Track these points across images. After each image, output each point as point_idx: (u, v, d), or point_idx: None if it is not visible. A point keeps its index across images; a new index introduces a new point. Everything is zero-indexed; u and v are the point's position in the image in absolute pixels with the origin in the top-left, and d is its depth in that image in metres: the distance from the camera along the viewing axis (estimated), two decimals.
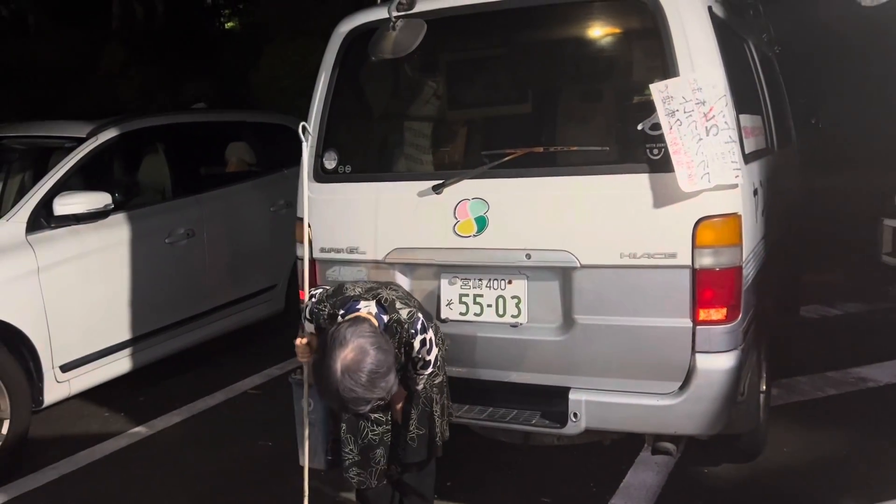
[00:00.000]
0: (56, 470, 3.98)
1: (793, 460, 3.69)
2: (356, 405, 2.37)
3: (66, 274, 4.22)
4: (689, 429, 3.00)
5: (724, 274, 2.83)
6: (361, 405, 2.37)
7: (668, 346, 2.89)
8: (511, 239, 3.08)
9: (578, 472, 3.66)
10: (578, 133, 3.30)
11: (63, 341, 4.17)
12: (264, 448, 4.10)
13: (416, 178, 3.32)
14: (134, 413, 4.68)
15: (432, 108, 3.67)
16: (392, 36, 3.20)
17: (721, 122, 2.81)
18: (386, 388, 2.38)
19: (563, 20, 3.24)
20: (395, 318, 2.61)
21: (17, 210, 4.18)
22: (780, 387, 4.46)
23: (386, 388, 2.38)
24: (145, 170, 5.32)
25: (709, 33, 2.92)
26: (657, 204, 2.85)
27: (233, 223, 5.42)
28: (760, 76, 4.23)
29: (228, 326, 5.38)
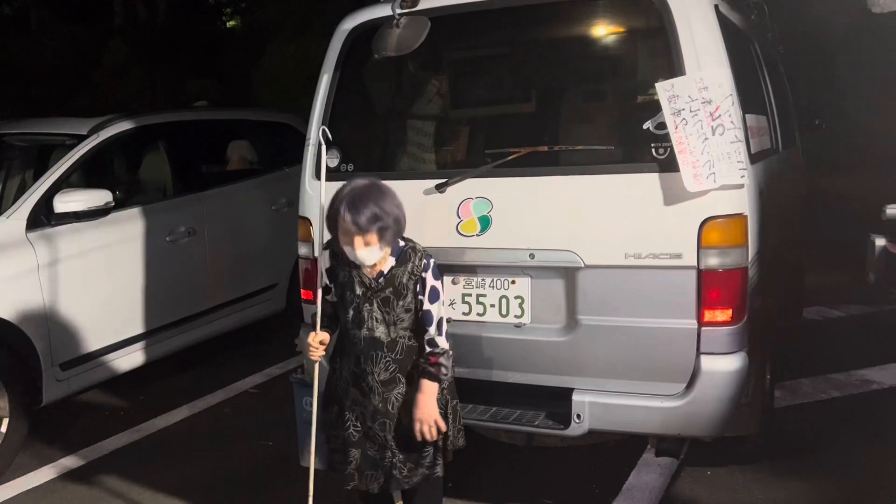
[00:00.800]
0: (55, 468, 3.97)
1: (796, 463, 3.66)
2: (358, 206, 2.41)
3: (66, 272, 4.19)
4: (694, 430, 2.97)
5: (729, 275, 2.80)
6: (362, 209, 2.41)
7: (672, 348, 2.87)
8: (514, 238, 3.06)
9: (581, 473, 3.64)
10: (583, 132, 3.27)
11: (63, 339, 4.15)
12: (265, 447, 4.08)
13: (419, 177, 3.30)
14: (134, 412, 4.67)
15: (436, 106, 3.65)
16: (395, 33, 3.18)
17: (727, 122, 2.79)
18: (391, 214, 2.45)
19: (569, 18, 3.22)
20: (410, 245, 2.61)
21: (17, 207, 4.17)
22: (784, 389, 4.43)
23: (391, 214, 2.45)
24: (146, 167, 5.30)
25: (715, 32, 2.90)
26: (662, 204, 2.82)
27: (234, 222, 5.40)
28: (765, 76, 4.21)
29: (229, 325, 5.36)
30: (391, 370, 2.60)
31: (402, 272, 2.56)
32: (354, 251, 2.48)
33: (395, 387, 2.61)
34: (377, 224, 2.43)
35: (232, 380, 5.12)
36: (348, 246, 2.49)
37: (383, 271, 2.58)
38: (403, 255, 2.58)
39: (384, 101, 3.86)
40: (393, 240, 2.53)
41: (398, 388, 2.61)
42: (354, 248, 2.48)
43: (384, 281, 2.57)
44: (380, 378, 2.60)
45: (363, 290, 2.60)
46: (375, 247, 2.48)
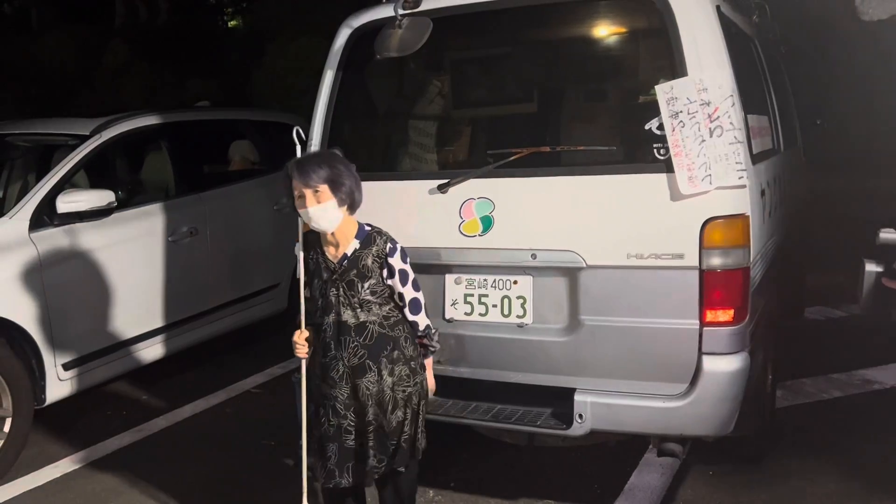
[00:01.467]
0: (58, 468, 3.98)
1: (799, 463, 3.67)
2: (305, 165, 2.51)
3: (68, 272, 4.21)
4: (696, 430, 2.98)
5: (731, 275, 2.81)
6: (311, 166, 2.50)
7: (674, 348, 2.87)
8: (517, 239, 3.07)
9: (582, 473, 3.64)
10: (585, 133, 3.29)
11: (65, 339, 4.16)
12: (266, 447, 4.09)
13: (421, 178, 3.32)
14: (136, 411, 4.68)
15: (438, 106, 3.66)
16: (398, 34, 3.19)
17: (726, 123, 2.79)
18: (342, 173, 2.53)
19: (570, 19, 3.23)
20: (377, 229, 2.66)
21: (20, 208, 4.17)
22: (785, 389, 4.44)
23: (342, 173, 2.53)
24: (148, 168, 5.30)
25: (717, 33, 2.90)
26: (664, 204, 2.83)
27: (236, 221, 5.40)
28: (767, 76, 4.22)
29: (231, 325, 5.36)
30: (360, 356, 2.60)
31: (366, 254, 2.60)
32: (307, 210, 2.52)
33: (365, 374, 2.61)
34: (327, 181, 2.50)
35: (234, 379, 5.13)
36: (303, 209, 2.54)
37: (347, 254, 2.62)
38: (368, 239, 2.63)
39: (386, 102, 3.87)
40: (349, 201, 2.57)
41: (368, 375, 2.60)
42: (307, 206, 2.52)
43: (347, 263, 2.60)
44: (349, 363, 2.61)
45: (328, 274, 2.64)
46: (329, 203, 2.52)
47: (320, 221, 2.55)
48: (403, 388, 2.65)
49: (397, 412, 2.64)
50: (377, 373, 2.61)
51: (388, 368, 2.62)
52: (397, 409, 2.64)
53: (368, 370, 2.61)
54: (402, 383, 2.64)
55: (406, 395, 2.65)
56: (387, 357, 2.62)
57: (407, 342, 2.68)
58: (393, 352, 2.63)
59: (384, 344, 2.63)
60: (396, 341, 2.65)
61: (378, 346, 2.62)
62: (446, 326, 3.23)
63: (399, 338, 2.66)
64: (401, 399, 2.65)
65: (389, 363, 2.62)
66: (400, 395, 2.64)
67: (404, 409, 2.66)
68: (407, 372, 2.65)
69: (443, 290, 3.24)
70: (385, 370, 2.62)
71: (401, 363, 2.64)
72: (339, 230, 2.61)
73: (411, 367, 2.67)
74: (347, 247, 2.62)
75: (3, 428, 3.83)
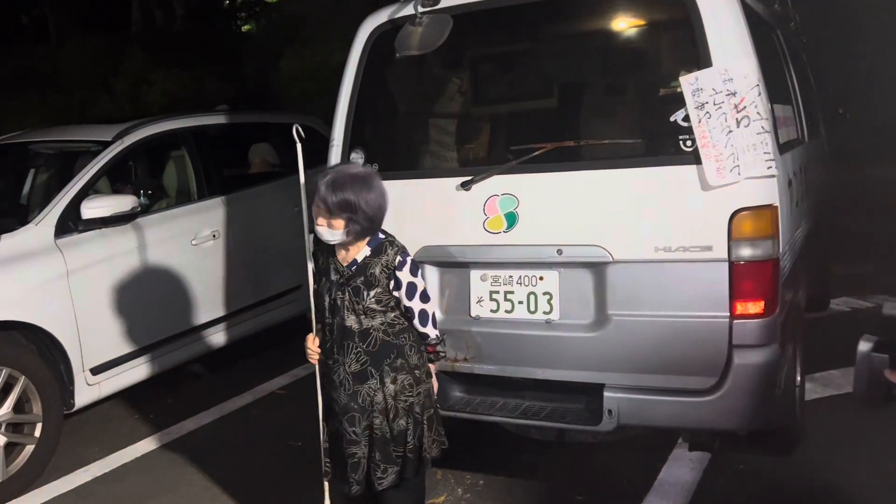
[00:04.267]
0: (88, 472, 4.01)
1: (829, 455, 3.62)
2: (335, 189, 2.43)
3: (94, 277, 4.23)
4: (727, 424, 2.95)
5: (761, 266, 2.78)
6: (339, 192, 2.43)
7: (704, 341, 2.85)
8: (542, 234, 3.05)
9: (611, 469, 3.62)
10: (609, 126, 3.27)
11: (93, 344, 4.19)
12: (293, 448, 4.09)
13: (445, 175, 3.31)
14: (163, 415, 4.70)
15: (460, 104, 3.66)
16: (418, 32, 3.19)
17: (753, 113, 2.77)
18: (366, 209, 2.45)
19: (592, 12, 3.21)
20: (389, 238, 2.61)
21: (45, 214, 4.20)
22: (814, 381, 4.39)
23: (366, 209, 2.45)
24: (170, 172, 5.33)
25: (741, 23, 2.87)
26: (691, 196, 2.81)
27: (257, 224, 5.42)
28: (789, 66, 4.18)
29: (255, 327, 5.38)
30: (362, 362, 2.58)
31: (374, 263, 2.56)
32: (317, 226, 2.53)
33: (366, 380, 2.58)
34: (346, 213, 2.45)
35: (259, 382, 5.14)
36: (315, 218, 2.54)
37: (357, 259, 2.58)
38: (379, 248, 2.58)
39: (408, 100, 3.86)
40: (361, 235, 2.53)
41: (369, 382, 2.58)
42: (317, 224, 2.52)
43: (356, 269, 2.57)
44: (350, 369, 2.58)
45: (336, 276, 2.61)
46: (338, 232, 2.49)
47: (326, 237, 2.54)
48: (405, 398, 2.60)
49: (399, 421, 2.60)
50: (378, 380, 2.58)
51: (391, 377, 2.58)
52: (398, 419, 2.60)
53: (370, 377, 2.58)
54: (405, 392, 2.60)
55: (408, 405, 2.61)
56: (389, 365, 2.58)
57: (412, 350, 2.63)
58: (396, 360, 2.59)
59: (388, 351, 2.59)
60: (401, 349, 2.61)
61: (381, 354, 2.58)
62: (472, 324, 3.23)
63: (404, 346, 2.61)
64: (402, 409, 2.60)
65: (392, 371, 2.58)
66: (402, 404, 2.60)
67: (406, 419, 2.61)
68: (410, 381, 2.61)
69: (468, 287, 3.24)
70: (387, 378, 2.58)
71: (404, 371, 2.60)
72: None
73: (415, 377, 2.63)
74: (358, 253, 2.58)
75: (33, 433, 3.86)
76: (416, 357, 2.63)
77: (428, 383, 2.69)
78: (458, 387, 3.36)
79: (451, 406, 3.25)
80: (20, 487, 3.77)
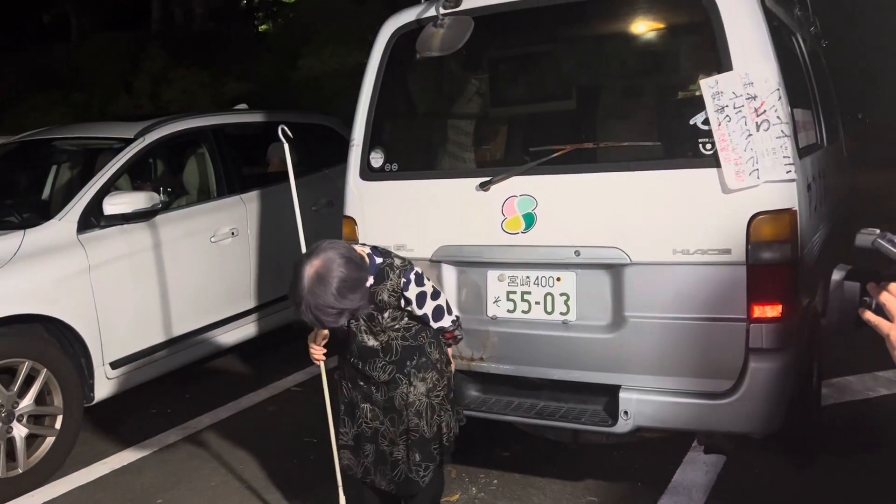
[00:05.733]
0: (107, 464, 4.06)
1: (845, 460, 3.62)
2: (324, 314, 2.31)
3: (115, 272, 4.28)
4: (742, 428, 2.95)
5: (779, 270, 2.78)
6: (329, 315, 2.32)
7: (721, 344, 2.85)
8: (559, 235, 3.07)
9: (625, 470, 3.63)
10: (628, 129, 3.27)
11: (113, 338, 4.24)
12: (308, 444, 4.12)
13: (463, 176, 3.34)
14: (180, 409, 4.75)
15: (479, 105, 3.68)
16: (439, 33, 3.21)
17: (773, 117, 2.77)
18: (354, 302, 2.33)
19: (612, 15, 3.22)
20: (388, 262, 2.55)
21: (68, 210, 4.25)
22: (831, 387, 4.37)
23: (354, 302, 2.33)
24: (190, 170, 5.38)
25: (762, 27, 2.87)
26: (710, 199, 2.81)
27: (275, 222, 5.45)
28: (809, 70, 4.16)
29: (272, 324, 5.42)
30: (389, 371, 2.63)
31: (381, 289, 2.53)
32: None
33: (397, 386, 2.63)
34: (342, 316, 2.37)
35: (275, 378, 5.19)
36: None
37: None
38: (381, 274, 2.54)
39: (427, 101, 3.89)
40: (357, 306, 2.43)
41: (401, 387, 2.63)
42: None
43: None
44: (381, 380, 2.64)
45: None
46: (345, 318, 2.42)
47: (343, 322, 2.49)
48: (437, 393, 2.67)
49: (435, 417, 2.67)
50: (408, 383, 2.63)
51: (419, 377, 2.63)
52: (435, 415, 2.67)
53: (400, 382, 2.63)
54: (436, 388, 2.67)
55: (441, 398, 2.68)
56: (415, 366, 2.63)
57: (432, 346, 2.68)
58: (420, 359, 2.64)
59: (410, 354, 2.64)
60: (422, 349, 2.65)
61: (404, 358, 2.63)
62: (489, 324, 3.25)
63: (423, 344, 2.66)
64: (437, 404, 2.67)
65: (419, 371, 2.63)
66: (435, 400, 2.67)
67: (440, 414, 2.68)
68: (437, 377, 2.67)
69: (485, 287, 3.25)
70: (416, 379, 2.63)
71: (430, 369, 2.65)
72: None
73: (439, 370, 2.69)
74: None
75: (54, 425, 3.92)
76: (437, 352, 2.69)
77: (448, 371, 2.74)
78: (473, 386, 3.38)
79: (467, 405, 3.26)
80: (40, 478, 3.83)
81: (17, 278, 3.83)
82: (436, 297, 2.63)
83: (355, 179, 3.49)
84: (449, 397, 2.74)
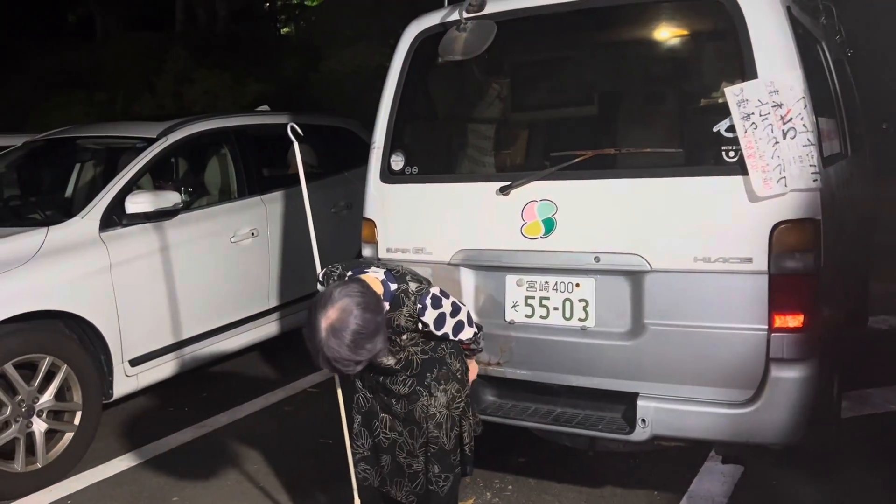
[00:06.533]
0: (124, 461, 4.09)
1: (864, 474, 3.57)
2: (342, 366, 2.28)
3: (136, 270, 4.32)
4: (761, 438, 2.92)
5: (801, 280, 2.76)
6: (348, 366, 2.29)
7: (741, 353, 2.83)
8: (579, 241, 3.06)
9: (642, 479, 3.60)
10: (650, 135, 3.26)
11: (132, 336, 4.27)
12: (324, 445, 4.13)
13: (484, 180, 3.33)
14: (197, 408, 4.78)
15: (500, 109, 3.67)
16: (462, 37, 3.21)
17: (799, 125, 2.75)
18: (372, 350, 2.28)
19: (636, 21, 3.21)
20: (403, 287, 2.50)
21: (91, 208, 4.29)
22: (850, 399, 4.32)
23: (372, 350, 2.28)
24: (212, 170, 5.42)
25: (787, 35, 2.85)
26: (733, 207, 2.79)
27: (295, 223, 5.47)
28: (834, 79, 4.13)
29: (290, 325, 5.44)
30: (409, 385, 2.62)
31: (398, 315, 2.50)
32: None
33: (417, 398, 2.62)
34: (361, 364, 2.32)
35: (292, 379, 5.21)
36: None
37: None
38: (396, 301, 2.49)
39: (449, 104, 3.90)
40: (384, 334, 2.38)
41: (421, 399, 2.62)
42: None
43: None
44: (401, 393, 2.63)
45: None
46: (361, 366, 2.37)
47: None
48: (458, 405, 2.66)
49: (455, 427, 2.66)
50: (429, 395, 2.62)
51: (440, 388, 2.62)
52: (455, 425, 2.66)
53: (420, 395, 2.62)
54: (456, 400, 2.66)
55: (460, 410, 2.67)
56: (435, 379, 2.61)
57: (452, 357, 2.66)
58: (441, 369, 2.63)
59: (430, 367, 2.62)
60: (442, 360, 2.64)
61: (424, 370, 2.62)
62: (507, 329, 3.24)
63: (444, 356, 2.64)
64: (457, 415, 2.67)
65: (439, 383, 2.62)
66: (455, 412, 2.66)
67: (460, 423, 2.68)
68: (457, 387, 2.66)
69: (504, 291, 3.25)
70: (437, 391, 2.61)
71: (450, 380, 2.64)
72: None
73: (459, 379, 2.67)
74: None
75: (73, 421, 3.95)
76: (457, 361, 2.68)
77: (467, 381, 2.73)
78: (490, 391, 3.37)
79: (483, 410, 3.26)
80: (59, 473, 3.86)
81: (39, 275, 3.88)
82: (455, 314, 2.57)
83: (376, 182, 3.50)
84: (469, 406, 2.73)
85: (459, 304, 2.61)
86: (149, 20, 16.88)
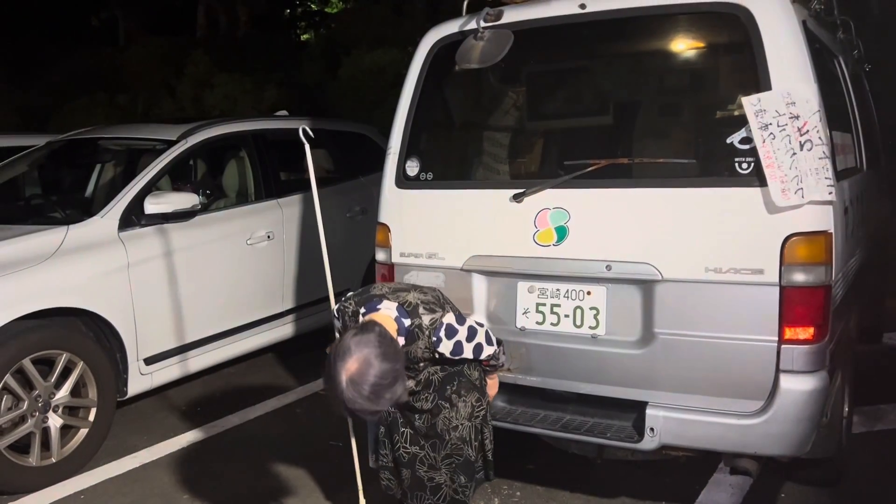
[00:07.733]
0: (137, 459, 4.13)
1: (875, 489, 3.56)
2: (364, 415, 2.33)
3: (153, 270, 4.38)
4: (770, 450, 2.92)
5: (812, 292, 2.76)
6: (368, 415, 2.34)
7: (751, 364, 2.83)
8: (591, 249, 3.07)
9: (650, 489, 3.60)
10: (663, 145, 3.27)
11: (148, 335, 4.33)
12: (334, 448, 4.16)
13: (497, 187, 3.36)
14: (210, 408, 4.83)
15: (515, 117, 3.70)
16: (479, 46, 3.25)
17: (815, 138, 2.76)
18: (392, 399, 2.32)
19: (651, 33, 3.23)
20: (416, 322, 2.55)
21: (110, 207, 4.35)
22: (863, 414, 4.30)
23: (392, 399, 2.32)
24: (230, 173, 5.48)
25: (802, 49, 2.86)
26: (745, 219, 2.80)
27: (310, 227, 5.53)
28: (850, 94, 4.13)
29: (303, 328, 5.48)
30: (432, 400, 2.67)
31: (414, 349, 2.55)
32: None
33: (440, 412, 2.66)
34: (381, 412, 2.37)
35: (304, 381, 5.25)
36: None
37: None
38: (411, 335, 2.54)
39: (465, 112, 3.93)
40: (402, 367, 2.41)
41: (443, 412, 2.66)
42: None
43: None
44: (424, 408, 2.68)
45: None
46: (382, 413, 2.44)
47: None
48: (478, 413, 2.72)
49: (478, 435, 2.71)
50: (450, 406, 2.66)
51: (462, 399, 2.67)
52: (479, 434, 2.71)
53: (442, 408, 2.67)
54: (477, 409, 2.71)
55: (482, 418, 2.73)
56: (455, 391, 2.67)
57: (470, 368, 2.72)
58: (460, 380, 2.68)
59: (449, 381, 2.68)
60: (460, 372, 2.69)
61: (444, 384, 2.67)
62: (517, 335, 3.26)
63: (462, 368, 2.70)
64: (477, 426, 2.71)
65: (460, 394, 2.67)
66: (477, 421, 2.71)
67: (482, 431, 2.73)
68: (477, 396, 2.71)
69: (515, 298, 3.27)
70: (459, 402, 2.66)
71: (471, 390, 2.69)
72: None
73: (479, 388, 2.72)
74: None
75: (88, 417, 4.01)
76: (476, 371, 2.73)
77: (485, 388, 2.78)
78: (500, 396, 3.37)
79: (493, 415, 3.25)
80: (73, 468, 3.92)
81: (58, 272, 3.94)
82: (472, 338, 2.60)
83: (391, 187, 3.53)
84: (488, 413, 2.78)
85: (476, 325, 2.63)
86: (170, 25, 17.08)
